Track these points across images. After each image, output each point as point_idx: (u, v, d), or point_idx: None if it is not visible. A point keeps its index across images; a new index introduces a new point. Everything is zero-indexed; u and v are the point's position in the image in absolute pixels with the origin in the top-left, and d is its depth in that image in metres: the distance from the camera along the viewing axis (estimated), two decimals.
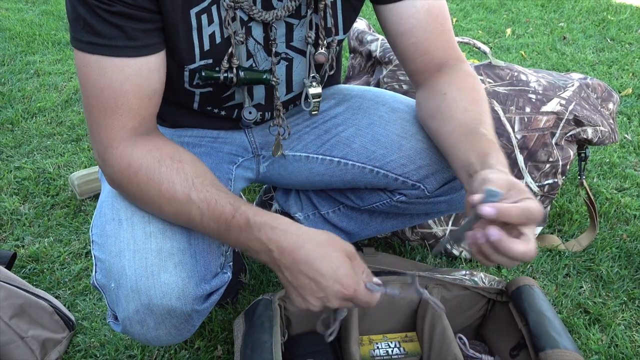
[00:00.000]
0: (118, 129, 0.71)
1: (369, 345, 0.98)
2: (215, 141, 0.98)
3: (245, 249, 0.71)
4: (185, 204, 0.70)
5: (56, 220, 1.46)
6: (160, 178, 0.70)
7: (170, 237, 0.74)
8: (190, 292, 0.74)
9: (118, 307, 0.75)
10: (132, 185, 0.72)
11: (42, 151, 1.78)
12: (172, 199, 0.70)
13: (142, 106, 0.73)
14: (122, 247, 0.74)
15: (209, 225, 0.71)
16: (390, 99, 1.01)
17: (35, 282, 1.25)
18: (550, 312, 0.89)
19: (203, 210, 0.70)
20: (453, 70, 0.87)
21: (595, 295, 1.24)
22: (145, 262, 0.72)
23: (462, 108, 0.80)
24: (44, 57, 2.53)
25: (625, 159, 1.76)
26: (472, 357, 0.93)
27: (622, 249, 1.37)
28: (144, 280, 0.72)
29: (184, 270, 0.74)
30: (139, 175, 0.71)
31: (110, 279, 0.74)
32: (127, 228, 0.75)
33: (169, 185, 0.70)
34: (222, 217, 0.70)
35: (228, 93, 0.88)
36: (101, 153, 0.73)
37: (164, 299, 0.72)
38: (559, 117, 1.24)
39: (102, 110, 0.71)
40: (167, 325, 0.75)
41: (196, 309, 0.76)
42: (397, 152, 0.94)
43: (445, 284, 0.97)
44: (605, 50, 2.67)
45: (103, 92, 0.70)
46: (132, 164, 0.71)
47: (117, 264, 0.73)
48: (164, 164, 0.71)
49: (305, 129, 1.02)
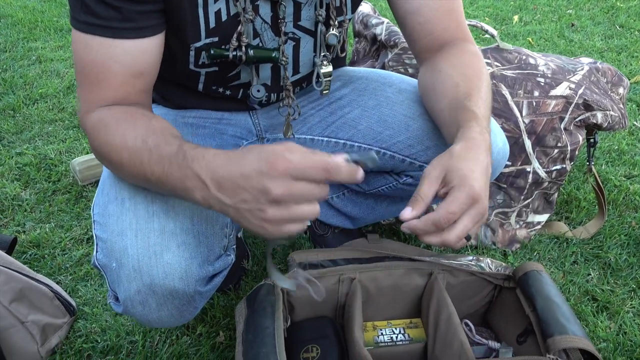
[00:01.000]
0: (98, 100, 0.72)
1: (372, 331, 0.97)
2: (220, 122, 0.96)
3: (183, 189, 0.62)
4: (140, 147, 0.65)
5: (57, 206, 1.44)
6: (126, 127, 0.68)
7: (173, 217, 0.73)
8: (193, 272, 0.72)
9: (119, 288, 0.73)
10: (100, 136, 0.70)
11: (44, 137, 1.76)
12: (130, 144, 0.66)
13: (126, 84, 0.73)
14: (125, 227, 0.72)
15: (155, 169, 0.64)
16: (397, 80, 0.99)
17: (36, 267, 1.24)
18: (559, 298, 0.87)
19: (153, 153, 0.64)
20: (453, 48, 0.86)
21: (603, 282, 1.22)
22: (148, 241, 0.71)
23: (453, 84, 0.79)
24: (45, 43, 2.51)
25: (635, 147, 1.73)
26: (479, 343, 0.91)
27: (631, 236, 1.35)
28: (146, 259, 0.70)
29: (187, 251, 0.72)
30: (109, 127, 0.69)
31: (112, 258, 0.73)
32: (130, 207, 0.73)
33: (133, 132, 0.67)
34: (167, 157, 0.63)
35: (234, 72, 0.86)
36: (80, 121, 0.74)
37: (166, 279, 0.71)
38: (568, 101, 1.21)
39: (86, 84, 0.72)
40: (169, 306, 0.74)
41: (199, 291, 0.75)
42: (404, 133, 0.92)
43: (451, 269, 0.95)
44: (614, 37, 2.63)
45: (86, 68, 0.71)
46: (103, 118, 0.70)
47: (119, 243, 0.72)
48: (133, 117, 0.70)
49: (310, 111, 1.00)
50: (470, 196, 0.62)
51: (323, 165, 0.56)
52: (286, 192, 0.56)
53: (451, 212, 0.62)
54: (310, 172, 0.56)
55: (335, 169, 0.57)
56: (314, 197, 0.58)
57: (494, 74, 1.23)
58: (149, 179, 0.66)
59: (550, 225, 1.38)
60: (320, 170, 0.56)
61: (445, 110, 0.79)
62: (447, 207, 0.62)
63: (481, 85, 0.79)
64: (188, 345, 1.05)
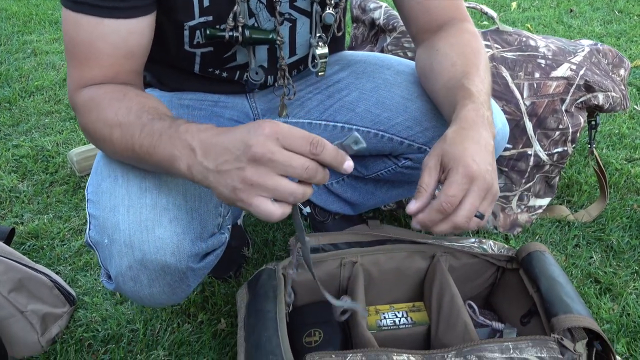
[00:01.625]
0: (87, 79, 0.72)
1: (375, 315, 0.96)
2: (216, 105, 0.95)
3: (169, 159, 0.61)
4: (133, 122, 0.64)
5: (55, 197, 1.43)
6: (119, 105, 0.67)
7: (166, 192, 0.72)
8: (186, 248, 0.71)
9: (111, 264, 0.72)
10: (91, 115, 0.69)
11: (41, 129, 1.75)
12: (123, 120, 0.65)
13: (116, 64, 0.72)
14: (117, 203, 0.71)
15: (143, 142, 0.63)
16: (395, 63, 0.98)
17: (35, 258, 1.23)
18: (563, 278, 0.86)
19: (145, 127, 0.63)
20: (450, 28, 0.85)
21: (605, 265, 1.22)
22: (140, 216, 0.70)
23: (450, 63, 0.78)
24: (40, 36, 2.49)
25: (635, 130, 1.72)
26: (482, 324, 0.90)
27: (633, 219, 1.34)
28: (137, 234, 0.69)
29: (179, 226, 0.71)
30: (101, 105, 0.68)
31: (104, 234, 0.72)
32: (123, 184, 0.72)
33: (125, 111, 0.66)
34: (157, 130, 0.62)
35: (229, 53, 0.85)
36: (70, 99, 0.74)
37: (158, 254, 0.70)
38: (569, 82, 1.20)
39: (75, 63, 0.72)
40: (161, 282, 0.73)
41: (191, 267, 0.74)
42: (402, 115, 0.91)
43: (453, 251, 0.95)
44: (613, 22, 2.61)
45: (76, 47, 0.71)
46: (95, 97, 0.70)
47: (111, 219, 0.71)
48: (127, 96, 0.69)
49: (307, 95, 0.99)
50: (466, 175, 0.62)
51: (308, 138, 0.55)
52: (267, 152, 0.54)
53: (451, 195, 0.61)
54: (294, 141, 0.55)
55: (320, 144, 0.55)
56: (294, 170, 0.54)
57: (494, 56, 1.22)
58: (136, 153, 0.65)
59: (551, 209, 1.37)
60: (305, 141, 0.55)
61: (442, 90, 0.78)
62: (445, 191, 0.62)
63: (479, 64, 0.78)
64: (189, 332, 1.05)
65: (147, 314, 1.08)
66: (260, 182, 0.54)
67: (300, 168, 0.55)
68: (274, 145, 0.54)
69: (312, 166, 0.55)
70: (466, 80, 0.73)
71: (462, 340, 0.80)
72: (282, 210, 0.56)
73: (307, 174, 0.55)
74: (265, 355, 0.73)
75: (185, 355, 1.00)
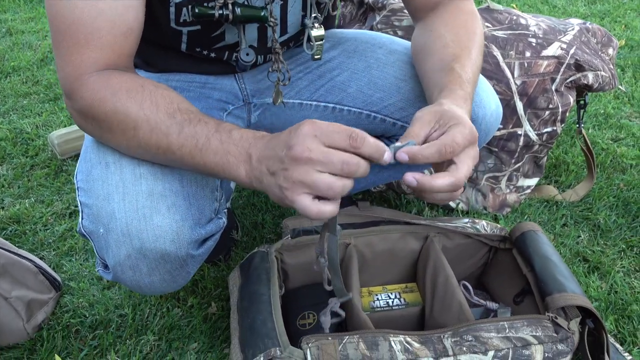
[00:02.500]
0: (89, 63, 0.66)
1: (368, 297, 0.96)
2: (204, 87, 0.92)
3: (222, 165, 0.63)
4: (165, 121, 0.63)
5: (37, 180, 1.39)
6: (142, 97, 0.64)
7: (161, 178, 0.69)
8: (185, 235, 0.69)
9: (108, 254, 0.70)
10: (106, 107, 0.65)
11: (19, 111, 1.70)
12: (152, 116, 0.64)
13: (116, 44, 0.68)
14: (111, 190, 0.69)
15: (185, 142, 0.63)
16: (387, 41, 0.96)
17: (18, 243, 1.20)
18: (556, 257, 0.86)
19: (184, 126, 0.63)
20: (448, 5, 0.83)
21: (593, 244, 1.23)
22: (136, 204, 0.67)
23: (443, 44, 0.77)
24: (15, 15, 2.41)
25: (620, 110, 1.73)
26: (476, 304, 0.91)
27: (620, 197, 1.36)
28: (135, 223, 0.67)
29: (178, 213, 0.69)
30: (118, 95, 0.64)
31: (99, 223, 0.69)
32: (115, 171, 0.69)
33: (150, 104, 0.64)
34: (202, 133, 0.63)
35: (217, 32, 0.82)
36: (69, 85, 0.67)
37: (157, 242, 0.68)
38: (560, 61, 1.19)
39: (71, 46, 0.66)
40: (161, 270, 0.71)
41: (191, 254, 0.72)
42: (395, 95, 0.89)
43: (446, 232, 0.94)
44: (597, 3, 2.62)
45: (71, 27, 0.65)
46: (110, 84, 0.65)
47: (106, 207, 0.68)
48: (147, 88, 0.65)
49: (298, 75, 0.97)
50: (471, 134, 0.60)
51: (347, 132, 0.56)
52: (305, 150, 0.55)
53: (457, 143, 0.59)
54: (333, 136, 0.56)
55: (360, 137, 0.56)
56: (334, 166, 0.55)
57: (485, 35, 1.20)
58: (174, 153, 0.65)
59: (539, 189, 1.37)
60: (344, 136, 0.55)
61: (431, 72, 0.76)
62: (452, 137, 0.59)
63: (472, 47, 0.77)
64: (179, 317, 1.03)
65: (135, 299, 1.06)
66: (300, 179, 0.56)
67: (339, 163, 0.55)
68: (312, 143, 0.55)
69: (352, 161, 0.55)
70: (457, 64, 0.72)
71: (458, 321, 0.80)
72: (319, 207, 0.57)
73: (347, 169, 0.55)
74: (260, 338, 0.72)
75: (175, 340, 0.98)
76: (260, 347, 0.71)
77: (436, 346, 0.72)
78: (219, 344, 0.97)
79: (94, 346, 0.97)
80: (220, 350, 0.96)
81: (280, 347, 0.70)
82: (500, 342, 0.72)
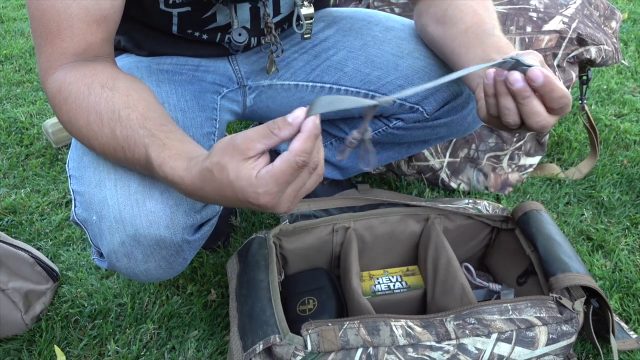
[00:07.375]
0: (58, 55, 0.65)
1: (369, 280, 0.94)
2: (197, 70, 0.90)
3: None
4: (111, 140, 0.61)
5: (32, 170, 1.37)
6: (88, 107, 0.62)
7: None
8: (180, 220, 0.68)
9: (102, 241, 0.68)
10: (62, 113, 0.64)
11: (12, 100, 1.67)
12: (99, 132, 0.61)
13: (88, 32, 0.66)
14: (102, 177, 0.67)
15: (135, 167, 0.62)
16: (383, 18, 0.93)
17: (14, 234, 1.18)
18: (560, 236, 0.85)
19: (126, 151, 0.60)
20: None
21: (597, 222, 1.21)
22: (129, 190, 0.66)
23: (471, 11, 0.74)
24: (6, 2, 2.37)
25: (623, 85, 1.70)
26: (479, 286, 0.89)
27: (623, 174, 1.33)
28: (128, 209, 0.65)
29: (172, 198, 0.67)
30: (68, 102, 0.63)
31: (92, 211, 0.68)
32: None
33: (96, 117, 0.61)
34: (140, 161, 0.60)
35: (209, 14, 0.80)
36: (42, 78, 0.67)
37: (151, 228, 0.66)
38: (561, 35, 1.16)
39: (44, 35, 0.65)
40: (157, 257, 0.69)
41: (187, 239, 0.70)
42: (393, 73, 0.87)
43: (447, 213, 0.92)
44: None
45: (45, 15, 0.64)
46: (62, 89, 0.64)
47: (98, 194, 0.67)
48: (93, 92, 0.62)
49: (293, 55, 0.94)
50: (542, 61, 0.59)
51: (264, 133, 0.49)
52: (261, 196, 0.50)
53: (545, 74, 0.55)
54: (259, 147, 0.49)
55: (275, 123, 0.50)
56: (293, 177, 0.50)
57: None
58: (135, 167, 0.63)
59: (542, 168, 1.35)
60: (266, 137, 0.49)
61: (467, 34, 0.72)
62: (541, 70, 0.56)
63: (498, 19, 0.75)
64: (179, 304, 1.02)
65: (134, 288, 1.05)
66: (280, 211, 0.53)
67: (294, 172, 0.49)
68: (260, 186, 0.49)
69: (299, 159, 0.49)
70: (498, 32, 0.70)
71: (460, 303, 0.79)
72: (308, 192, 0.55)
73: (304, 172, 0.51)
74: (260, 325, 0.71)
75: (175, 328, 0.97)
76: (260, 334, 0.69)
77: (438, 330, 0.70)
78: (220, 331, 0.96)
79: (94, 336, 0.96)
80: (221, 337, 0.95)
81: (279, 334, 0.68)
82: (504, 324, 0.71)
